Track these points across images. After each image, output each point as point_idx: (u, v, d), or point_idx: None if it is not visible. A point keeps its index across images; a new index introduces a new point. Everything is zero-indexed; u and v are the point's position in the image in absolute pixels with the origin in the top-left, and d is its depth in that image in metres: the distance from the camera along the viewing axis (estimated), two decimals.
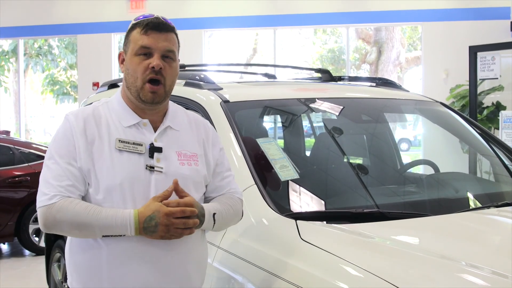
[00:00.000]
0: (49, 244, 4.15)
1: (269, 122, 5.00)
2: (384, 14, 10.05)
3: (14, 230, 6.38)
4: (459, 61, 8.79)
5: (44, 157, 1.84)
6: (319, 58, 16.24)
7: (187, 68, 3.39)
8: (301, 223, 2.05)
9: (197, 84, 2.84)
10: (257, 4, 10.42)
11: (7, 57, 15.00)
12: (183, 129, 1.92)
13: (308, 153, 3.30)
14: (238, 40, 14.53)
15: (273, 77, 3.97)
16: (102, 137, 1.80)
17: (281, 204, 2.22)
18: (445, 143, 3.73)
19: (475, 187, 2.97)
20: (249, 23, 10.60)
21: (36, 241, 6.50)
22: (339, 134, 2.96)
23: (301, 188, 2.38)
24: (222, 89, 2.78)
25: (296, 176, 2.36)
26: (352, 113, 3.04)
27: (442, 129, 3.35)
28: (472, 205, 2.59)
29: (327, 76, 3.64)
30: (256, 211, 2.17)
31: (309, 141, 3.53)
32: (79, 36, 11.23)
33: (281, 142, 3.26)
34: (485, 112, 7.98)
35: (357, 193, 2.56)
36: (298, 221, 2.07)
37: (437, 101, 3.30)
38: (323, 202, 2.42)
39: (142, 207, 1.72)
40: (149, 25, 1.81)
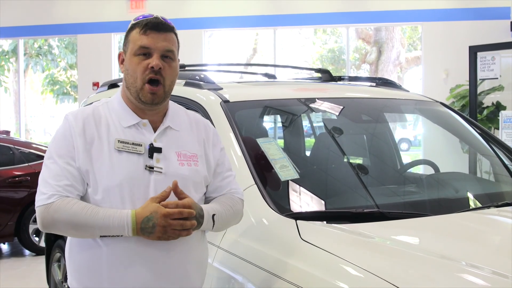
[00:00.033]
0: (49, 244, 4.15)
1: (269, 122, 5.00)
2: (384, 14, 10.05)
3: (14, 230, 6.38)
4: (459, 61, 8.79)
5: (44, 157, 1.85)
6: (319, 58, 16.24)
7: (187, 68, 3.39)
8: (301, 223, 2.05)
9: (197, 84, 2.84)
10: (257, 4, 10.42)
11: (7, 57, 15.00)
12: (183, 129, 1.92)
13: (308, 153, 3.30)
14: (238, 40, 14.53)
15: (273, 77, 3.97)
16: (102, 137, 1.80)
17: (281, 204, 2.22)
18: (445, 143, 3.73)
19: (475, 187, 2.96)
20: (249, 23, 10.60)
21: (36, 241, 6.50)
22: (339, 134, 2.96)
23: (301, 188, 2.38)
24: (222, 89, 2.78)
25: (296, 176, 2.36)
26: (352, 113, 3.04)
27: (442, 129, 3.35)
28: (472, 205, 2.59)
29: (327, 76, 3.64)
30: (256, 211, 2.16)
31: (309, 141, 3.52)
32: (79, 36, 11.23)
33: (281, 142, 3.26)
34: (485, 112, 7.98)
35: (357, 193, 2.55)
36: (298, 221, 2.06)
37: (437, 101, 3.30)
38: (323, 202, 2.42)
39: (140, 207, 1.72)
40: (148, 25, 1.81)
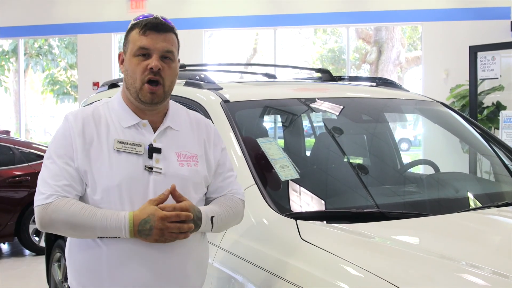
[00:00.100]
0: (49, 244, 4.14)
1: (269, 122, 4.99)
2: (384, 14, 10.05)
3: (14, 230, 6.38)
4: (459, 61, 8.79)
5: (44, 157, 1.85)
6: (319, 58, 16.24)
7: (187, 68, 3.39)
8: (301, 223, 2.05)
9: (197, 84, 2.84)
10: (257, 4, 10.42)
11: (7, 57, 14.99)
12: (184, 129, 1.91)
13: (308, 153, 3.30)
14: (238, 40, 14.52)
15: (273, 77, 3.97)
16: (101, 137, 1.80)
17: (281, 204, 2.22)
18: (445, 143, 3.73)
19: (475, 187, 2.96)
20: (249, 23, 10.60)
21: (36, 241, 6.50)
22: (339, 134, 2.96)
23: (301, 188, 2.37)
24: (222, 89, 2.78)
25: (296, 176, 2.36)
26: (352, 113, 3.04)
27: (442, 129, 3.35)
28: (472, 205, 2.59)
29: (327, 76, 3.64)
30: (256, 211, 2.16)
31: (309, 141, 3.52)
32: (79, 36, 11.23)
33: (281, 142, 3.26)
34: (485, 112, 7.98)
35: (357, 193, 2.55)
36: (298, 221, 2.06)
37: (437, 101, 3.30)
38: (323, 202, 2.42)
39: (138, 210, 1.71)
40: (147, 26, 1.80)
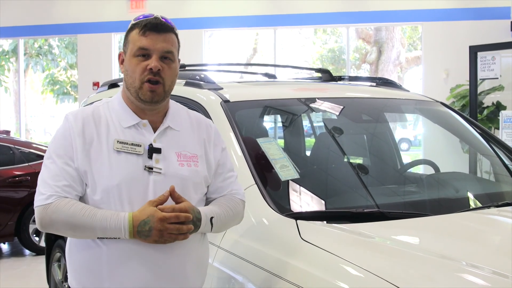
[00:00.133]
0: (49, 244, 4.14)
1: (269, 122, 4.99)
2: (384, 14, 10.05)
3: (14, 229, 6.38)
4: (459, 61, 8.79)
5: (43, 157, 1.84)
6: (319, 58, 16.24)
7: (187, 68, 3.39)
8: (301, 223, 2.05)
9: (197, 84, 2.84)
10: (257, 4, 10.42)
11: (7, 56, 14.99)
12: (184, 129, 1.91)
13: (308, 153, 3.30)
14: (238, 40, 14.52)
15: (273, 77, 3.97)
16: (101, 137, 1.80)
17: (281, 204, 2.22)
18: (445, 143, 3.73)
19: (475, 187, 2.96)
20: (249, 23, 10.60)
21: (36, 240, 6.49)
22: (339, 134, 2.96)
23: (301, 188, 2.37)
24: (222, 89, 2.78)
25: (297, 176, 2.36)
26: (352, 113, 3.04)
27: (442, 129, 3.35)
28: (473, 205, 2.59)
29: (327, 76, 3.64)
30: (257, 211, 2.16)
31: (309, 141, 3.52)
32: (79, 35, 11.24)
33: (281, 142, 3.26)
34: (485, 112, 7.98)
35: (357, 193, 2.55)
36: (298, 221, 2.06)
37: (437, 101, 3.30)
38: (323, 202, 2.42)
39: (137, 211, 1.71)
40: (147, 26, 1.80)
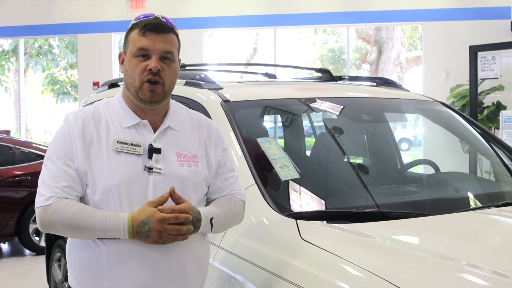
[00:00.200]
0: (49, 244, 4.14)
1: (269, 122, 4.99)
2: (384, 14, 10.04)
3: (14, 229, 6.38)
4: (459, 60, 8.78)
5: (44, 157, 1.84)
6: (319, 58, 16.23)
7: (187, 68, 3.39)
8: (301, 222, 2.05)
9: (197, 84, 2.84)
10: (257, 3, 10.42)
11: (7, 56, 14.98)
12: (184, 129, 1.91)
13: (308, 153, 3.30)
14: (238, 39, 14.52)
15: (273, 76, 3.97)
16: (101, 137, 1.80)
17: (281, 203, 2.22)
18: (445, 143, 3.73)
19: (475, 187, 2.96)
20: (249, 22, 10.59)
21: (36, 240, 6.49)
22: (339, 133, 2.96)
23: (302, 187, 2.37)
24: (222, 88, 2.78)
25: (297, 176, 2.36)
26: (352, 112, 3.04)
27: (443, 128, 3.35)
28: (473, 204, 2.59)
29: (327, 76, 3.64)
30: (257, 210, 2.16)
31: (310, 141, 3.52)
32: (79, 35, 11.23)
33: (281, 142, 3.26)
34: (485, 112, 7.98)
35: (358, 192, 2.55)
36: (298, 220, 2.06)
37: (437, 101, 3.30)
38: (323, 202, 2.42)
39: (137, 211, 1.71)
40: (147, 26, 1.80)
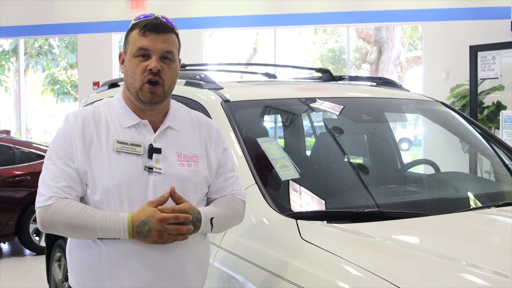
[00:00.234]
0: (49, 244, 4.15)
1: (269, 122, 4.99)
2: (384, 14, 10.05)
3: (14, 229, 6.38)
4: (459, 60, 8.79)
5: (44, 157, 1.84)
6: (319, 58, 16.23)
7: (187, 68, 3.39)
8: (301, 222, 2.05)
9: (197, 84, 2.84)
10: (258, 3, 10.43)
11: (7, 56, 14.98)
12: (185, 129, 1.91)
13: (308, 153, 3.30)
14: (238, 39, 14.52)
15: (273, 76, 3.97)
16: (101, 138, 1.80)
17: (281, 203, 2.22)
18: (445, 143, 3.73)
19: (475, 187, 2.96)
20: (250, 22, 10.60)
21: (36, 240, 6.50)
22: (339, 133, 2.96)
23: (302, 187, 2.37)
24: (222, 88, 2.78)
25: (297, 176, 2.36)
26: (352, 112, 3.04)
27: (443, 128, 3.35)
28: (473, 204, 2.59)
29: (327, 76, 3.64)
30: (257, 210, 2.16)
31: (310, 141, 3.52)
32: (79, 35, 11.24)
33: (281, 142, 3.26)
34: (485, 112, 7.98)
35: (358, 192, 2.55)
36: (298, 220, 2.06)
37: (437, 101, 3.30)
38: (323, 202, 2.42)
39: (137, 211, 1.71)
40: (147, 26, 1.80)
